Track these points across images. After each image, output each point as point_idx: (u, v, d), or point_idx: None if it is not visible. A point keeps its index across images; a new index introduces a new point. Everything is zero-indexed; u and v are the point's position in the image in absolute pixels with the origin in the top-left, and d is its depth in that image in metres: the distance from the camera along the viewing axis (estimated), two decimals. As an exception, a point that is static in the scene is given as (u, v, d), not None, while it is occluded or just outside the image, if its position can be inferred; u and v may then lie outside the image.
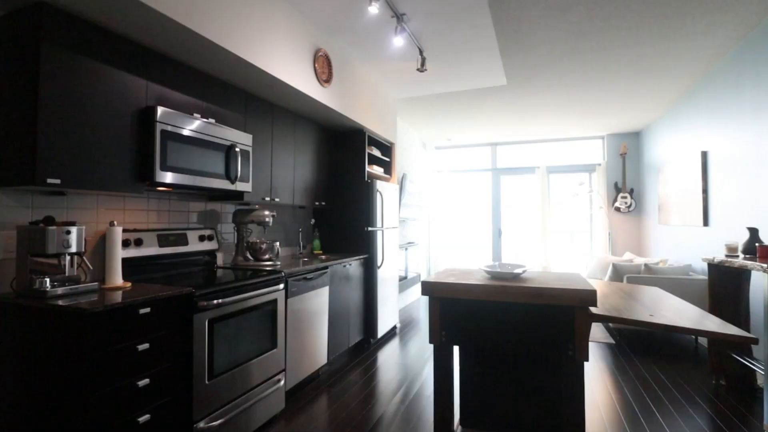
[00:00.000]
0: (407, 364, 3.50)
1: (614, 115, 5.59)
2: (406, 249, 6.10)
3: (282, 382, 2.58)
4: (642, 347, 3.98)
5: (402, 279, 5.76)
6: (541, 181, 6.81)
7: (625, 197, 6.37)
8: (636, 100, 4.91)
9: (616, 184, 6.49)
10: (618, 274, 4.23)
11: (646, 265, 4.13)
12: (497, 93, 4.70)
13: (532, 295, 1.71)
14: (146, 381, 1.74)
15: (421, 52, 3.47)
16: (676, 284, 3.90)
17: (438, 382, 1.91)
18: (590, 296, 1.64)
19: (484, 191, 7.44)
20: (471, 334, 1.84)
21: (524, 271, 1.90)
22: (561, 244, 7.09)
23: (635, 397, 2.84)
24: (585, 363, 2.61)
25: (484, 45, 3.46)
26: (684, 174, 4.57)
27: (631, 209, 6.37)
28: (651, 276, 4.00)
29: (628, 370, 3.38)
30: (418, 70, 3.48)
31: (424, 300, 6.36)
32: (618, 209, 6.43)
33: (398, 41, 3.09)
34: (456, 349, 3.53)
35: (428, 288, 1.88)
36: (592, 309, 1.71)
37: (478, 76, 4.15)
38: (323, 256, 3.66)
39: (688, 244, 4.54)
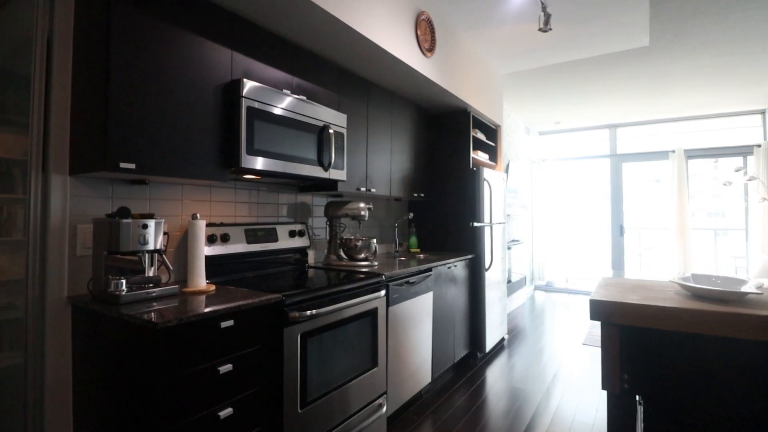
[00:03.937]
0: (524, 390, 2.88)
1: (789, 80, 4.32)
2: (509, 248, 5.40)
3: (384, 408, 2.15)
4: None
5: (507, 282, 5.08)
6: (677, 168, 5.61)
7: (800, 186, 4.97)
8: (833, 55, 3.69)
9: (784, 170, 5.10)
10: (814, 286, 3.15)
11: None
12: (629, 59, 3.82)
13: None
14: (229, 411, 1.41)
15: (544, 8, 2.81)
16: None
17: (615, 446, 1.32)
18: None
19: (600, 182, 6.40)
20: (667, 381, 1.22)
21: (760, 289, 1.23)
22: (702, 243, 5.82)
23: None
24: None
25: (629, -10, 2.70)
26: None
27: (807, 201, 4.95)
28: None
29: None
30: (540, 30, 2.82)
31: (530, 306, 5.59)
32: (788, 201, 5.04)
33: (520, -10, 2.48)
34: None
35: (602, 310, 1.29)
36: None
37: (612, 37, 3.35)
38: (422, 256, 3.19)
39: None
